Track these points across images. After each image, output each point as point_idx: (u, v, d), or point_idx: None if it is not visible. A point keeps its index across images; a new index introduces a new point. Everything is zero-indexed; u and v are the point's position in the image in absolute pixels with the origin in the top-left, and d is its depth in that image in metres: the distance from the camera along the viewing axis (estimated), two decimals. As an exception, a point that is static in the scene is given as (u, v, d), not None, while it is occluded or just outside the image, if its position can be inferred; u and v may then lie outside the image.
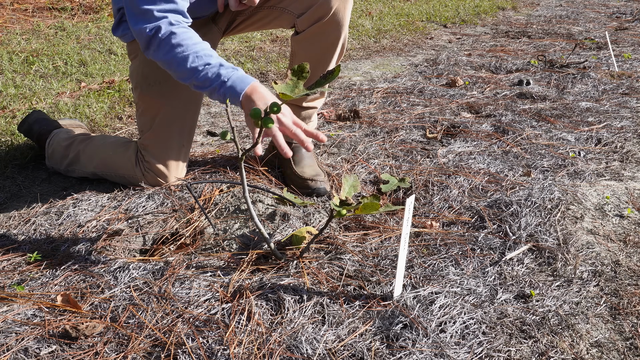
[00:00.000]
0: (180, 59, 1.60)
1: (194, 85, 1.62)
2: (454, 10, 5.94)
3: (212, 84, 1.58)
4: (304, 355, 1.28)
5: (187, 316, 1.39)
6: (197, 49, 1.60)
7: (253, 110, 1.41)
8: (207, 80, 1.59)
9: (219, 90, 1.58)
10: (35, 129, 2.24)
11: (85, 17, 4.68)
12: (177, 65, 1.61)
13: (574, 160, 2.31)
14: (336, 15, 1.83)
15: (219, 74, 1.58)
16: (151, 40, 1.62)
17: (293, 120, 1.53)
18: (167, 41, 1.61)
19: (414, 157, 2.33)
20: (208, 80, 1.59)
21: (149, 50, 1.65)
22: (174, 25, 1.62)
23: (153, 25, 1.61)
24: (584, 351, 1.33)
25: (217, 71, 1.58)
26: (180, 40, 1.60)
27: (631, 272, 1.62)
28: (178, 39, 1.60)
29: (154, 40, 1.62)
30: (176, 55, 1.60)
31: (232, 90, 1.56)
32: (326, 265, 1.60)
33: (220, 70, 1.58)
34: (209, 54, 1.61)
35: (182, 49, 1.60)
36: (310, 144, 1.49)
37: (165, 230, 1.75)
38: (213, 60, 1.60)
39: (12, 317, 1.38)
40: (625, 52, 4.17)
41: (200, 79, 1.59)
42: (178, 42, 1.60)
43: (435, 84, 3.36)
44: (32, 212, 1.85)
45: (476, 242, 1.73)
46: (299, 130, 1.51)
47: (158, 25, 1.61)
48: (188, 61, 1.59)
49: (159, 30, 1.61)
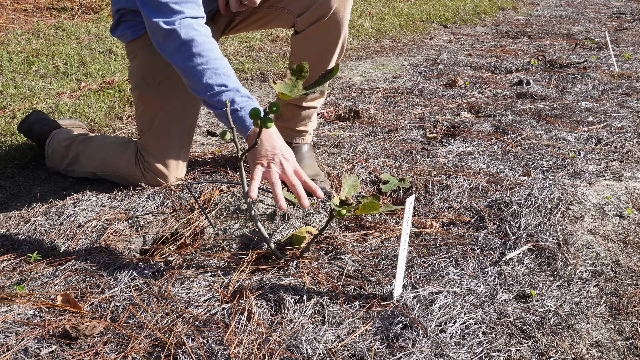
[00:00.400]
0: (197, 71, 1.56)
1: (204, 101, 1.60)
2: (454, 10, 5.94)
3: (223, 108, 1.56)
4: (304, 355, 1.28)
5: (187, 316, 1.39)
6: (217, 65, 1.56)
7: (252, 110, 1.41)
8: (219, 103, 1.56)
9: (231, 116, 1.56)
10: (35, 129, 2.24)
11: (85, 17, 4.68)
12: (192, 76, 1.58)
13: (574, 160, 2.31)
14: (336, 14, 1.83)
15: (233, 100, 1.55)
16: (168, 36, 1.58)
17: (295, 169, 1.50)
18: (188, 47, 1.56)
19: (414, 157, 2.33)
20: (220, 103, 1.56)
21: (163, 46, 1.61)
22: (195, 30, 1.57)
23: (171, 20, 1.57)
24: (584, 351, 1.33)
25: (232, 97, 1.55)
26: (201, 51, 1.56)
27: (631, 272, 1.62)
28: (199, 49, 1.56)
29: (172, 39, 1.57)
30: (194, 66, 1.56)
31: (242, 122, 1.54)
32: (326, 265, 1.60)
33: (235, 97, 1.55)
34: (227, 74, 1.57)
35: (201, 60, 1.56)
36: (306, 201, 1.46)
37: (165, 230, 1.75)
38: (230, 83, 1.56)
39: (12, 317, 1.39)
40: (625, 52, 4.17)
41: (212, 98, 1.57)
42: (199, 52, 1.56)
43: (435, 84, 3.36)
44: (32, 212, 1.85)
45: (476, 242, 1.73)
46: (298, 183, 1.48)
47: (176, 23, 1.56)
48: (205, 76, 1.55)
49: (178, 31, 1.56)
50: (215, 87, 1.56)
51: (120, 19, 1.88)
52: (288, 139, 2.09)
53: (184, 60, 1.58)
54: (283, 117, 2.08)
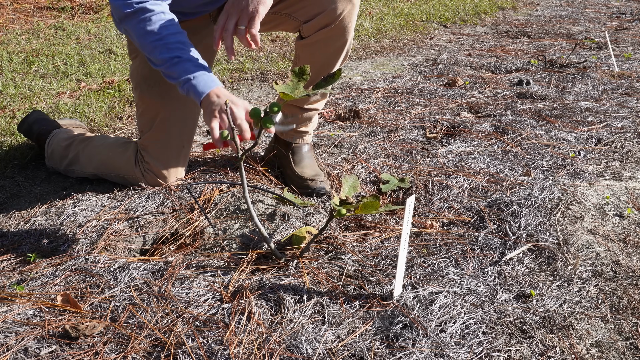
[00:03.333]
0: (152, 47, 1.60)
1: (162, 73, 1.64)
2: (454, 10, 5.94)
3: (178, 78, 1.59)
4: (304, 355, 1.28)
5: (187, 316, 1.39)
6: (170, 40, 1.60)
7: (253, 109, 1.41)
8: (175, 73, 1.60)
9: (183, 86, 1.59)
10: (35, 129, 2.24)
11: (85, 17, 4.68)
12: (148, 51, 1.62)
13: (574, 160, 2.31)
14: (342, 22, 1.82)
15: (187, 69, 1.59)
16: (126, 17, 1.61)
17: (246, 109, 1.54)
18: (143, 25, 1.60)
19: (414, 157, 2.33)
20: (175, 73, 1.60)
21: (121, 25, 1.66)
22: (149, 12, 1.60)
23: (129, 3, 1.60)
24: (584, 351, 1.33)
25: (186, 67, 1.59)
26: (155, 28, 1.60)
27: (631, 272, 1.62)
28: (153, 26, 1.60)
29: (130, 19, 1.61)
30: (149, 43, 1.60)
31: (194, 89, 1.57)
32: (326, 265, 1.60)
33: (189, 66, 1.59)
34: (180, 48, 1.60)
35: (155, 37, 1.59)
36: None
37: (165, 230, 1.75)
38: (184, 54, 1.60)
39: (12, 317, 1.38)
40: (625, 52, 4.17)
41: (168, 69, 1.60)
42: (153, 29, 1.60)
43: (435, 84, 3.36)
44: (32, 212, 1.85)
45: (476, 242, 1.73)
46: None
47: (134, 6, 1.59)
48: (159, 51, 1.59)
49: (134, 13, 1.60)
50: (168, 59, 1.59)
51: None
52: (289, 138, 2.09)
53: (140, 38, 1.62)
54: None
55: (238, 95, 3.16)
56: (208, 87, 1.56)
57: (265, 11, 1.61)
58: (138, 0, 1.60)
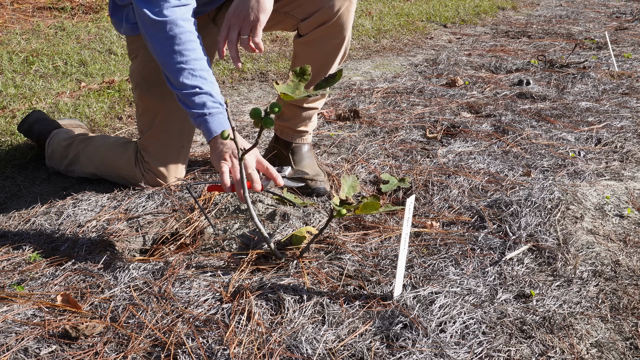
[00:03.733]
0: (176, 68, 1.58)
1: (177, 96, 1.63)
2: (454, 10, 5.94)
3: (193, 109, 1.58)
4: (304, 355, 1.28)
5: (187, 316, 1.39)
6: (195, 66, 1.59)
7: (253, 110, 1.41)
8: (191, 102, 1.59)
9: (196, 118, 1.59)
10: (35, 128, 2.24)
11: (85, 17, 4.68)
12: (169, 71, 1.61)
13: (574, 160, 2.31)
14: (340, 19, 1.83)
15: (204, 103, 1.58)
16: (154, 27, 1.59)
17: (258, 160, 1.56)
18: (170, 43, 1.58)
19: (414, 157, 2.33)
20: (191, 103, 1.58)
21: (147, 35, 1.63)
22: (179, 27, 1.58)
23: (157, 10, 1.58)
24: (584, 351, 1.33)
25: (204, 100, 1.58)
26: (182, 49, 1.58)
27: (631, 272, 1.62)
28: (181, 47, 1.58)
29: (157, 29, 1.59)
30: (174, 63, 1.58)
31: (207, 126, 1.57)
32: (326, 265, 1.60)
33: (207, 101, 1.58)
34: (204, 77, 1.59)
35: (181, 58, 1.58)
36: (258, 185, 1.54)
37: (165, 230, 1.75)
38: (205, 86, 1.58)
39: (12, 317, 1.38)
40: (625, 52, 4.17)
41: (185, 96, 1.59)
42: (180, 50, 1.58)
43: (435, 84, 3.36)
44: (32, 212, 1.85)
45: (476, 242, 1.73)
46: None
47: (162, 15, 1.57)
48: (182, 75, 1.58)
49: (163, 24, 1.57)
50: (189, 87, 1.58)
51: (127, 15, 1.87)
52: (288, 138, 2.09)
53: (165, 55, 1.60)
54: (284, 117, 2.08)
55: (238, 95, 3.16)
56: (221, 127, 1.56)
57: (266, 19, 1.61)
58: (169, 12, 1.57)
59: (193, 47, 1.60)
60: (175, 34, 1.58)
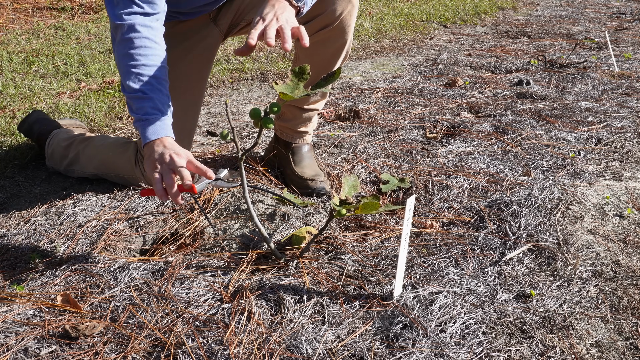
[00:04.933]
0: (125, 70, 1.57)
1: (126, 100, 1.62)
2: (454, 10, 5.94)
3: (134, 113, 1.57)
4: (304, 355, 1.28)
5: (187, 316, 1.39)
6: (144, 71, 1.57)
7: (253, 110, 1.41)
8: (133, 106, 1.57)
9: (135, 122, 1.57)
10: (35, 129, 2.24)
11: (85, 17, 4.68)
12: (121, 72, 1.60)
13: (574, 160, 2.31)
14: (342, 22, 1.83)
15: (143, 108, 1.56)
16: (114, 28, 1.59)
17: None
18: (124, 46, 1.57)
19: (414, 157, 2.33)
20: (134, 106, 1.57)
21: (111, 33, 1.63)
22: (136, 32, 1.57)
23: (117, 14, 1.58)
24: (584, 351, 1.33)
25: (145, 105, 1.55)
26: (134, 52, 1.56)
27: (631, 272, 1.62)
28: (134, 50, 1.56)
29: (116, 31, 1.59)
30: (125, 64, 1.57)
31: (142, 131, 1.55)
32: (326, 265, 1.60)
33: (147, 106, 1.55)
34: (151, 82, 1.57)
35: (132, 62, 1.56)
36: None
37: (165, 230, 1.75)
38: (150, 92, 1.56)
39: (12, 317, 1.39)
40: (625, 52, 4.17)
41: (129, 99, 1.58)
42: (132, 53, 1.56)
43: (435, 84, 3.36)
44: (32, 212, 1.85)
45: (476, 242, 1.73)
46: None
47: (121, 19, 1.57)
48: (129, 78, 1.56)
49: (121, 28, 1.57)
50: (134, 90, 1.56)
51: None
52: (288, 139, 2.09)
53: (119, 57, 1.60)
54: (284, 118, 2.08)
55: (238, 95, 3.16)
56: (156, 134, 1.54)
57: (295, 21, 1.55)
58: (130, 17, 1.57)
59: (146, 53, 1.58)
60: (131, 37, 1.57)
